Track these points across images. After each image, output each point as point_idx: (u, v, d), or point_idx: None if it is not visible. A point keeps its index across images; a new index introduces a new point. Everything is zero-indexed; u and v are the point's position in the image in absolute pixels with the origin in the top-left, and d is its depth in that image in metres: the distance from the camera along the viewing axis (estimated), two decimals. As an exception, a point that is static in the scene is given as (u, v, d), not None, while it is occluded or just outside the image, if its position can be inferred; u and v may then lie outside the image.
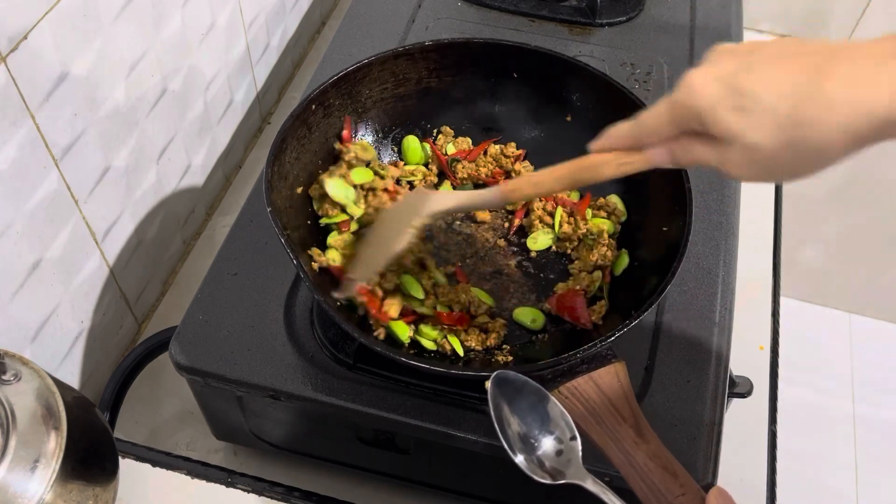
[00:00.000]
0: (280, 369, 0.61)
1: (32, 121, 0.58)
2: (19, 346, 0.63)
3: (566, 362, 0.53)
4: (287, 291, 0.66)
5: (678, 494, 0.47)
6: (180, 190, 0.84)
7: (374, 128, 0.73)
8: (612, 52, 0.88)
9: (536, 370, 0.54)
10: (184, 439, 0.75)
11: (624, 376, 0.53)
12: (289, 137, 0.63)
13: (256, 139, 1.02)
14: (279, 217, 0.59)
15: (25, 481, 0.47)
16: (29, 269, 0.62)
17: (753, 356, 0.80)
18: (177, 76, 0.78)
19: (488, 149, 0.74)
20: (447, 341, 0.61)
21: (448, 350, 0.61)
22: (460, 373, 0.56)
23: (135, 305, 0.81)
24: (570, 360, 0.53)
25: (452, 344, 0.60)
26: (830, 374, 1.73)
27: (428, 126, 0.75)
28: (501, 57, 0.72)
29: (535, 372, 0.54)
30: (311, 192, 0.67)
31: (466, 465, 0.63)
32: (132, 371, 0.70)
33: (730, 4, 0.97)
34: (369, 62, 0.68)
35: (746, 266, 0.78)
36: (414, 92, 0.73)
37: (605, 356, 0.54)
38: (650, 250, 0.64)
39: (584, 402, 0.52)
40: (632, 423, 0.51)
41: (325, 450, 0.69)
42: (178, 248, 0.88)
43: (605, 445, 0.50)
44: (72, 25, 0.60)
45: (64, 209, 0.65)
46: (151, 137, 0.76)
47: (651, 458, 0.49)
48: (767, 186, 0.95)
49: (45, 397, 0.50)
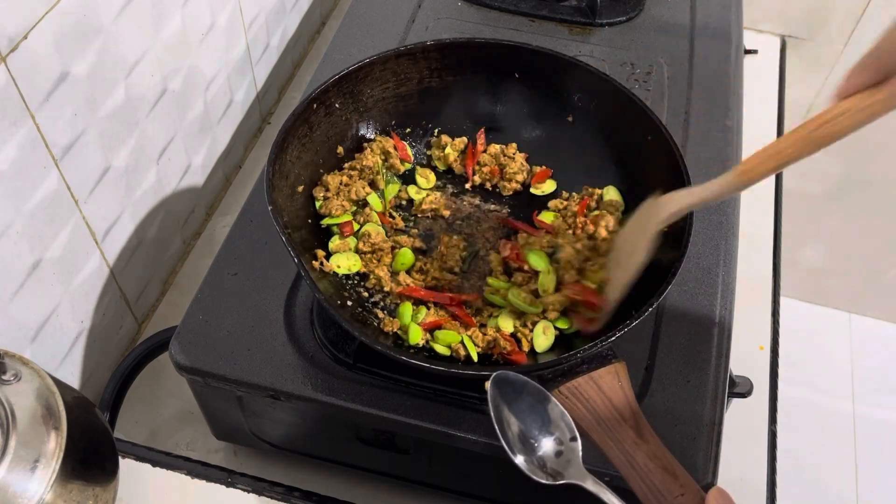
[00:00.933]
0: (280, 369, 0.61)
1: (32, 121, 0.58)
2: (19, 346, 0.63)
3: (566, 362, 0.53)
4: (287, 291, 0.66)
5: (678, 494, 0.47)
6: (180, 190, 0.84)
7: (374, 127, 0.73)
8: (612, 52, 0.88)
9: (537, 370, 0.54)
10: (184, 439, 0.75)
11: (624, 376, 0.53)
12: (290, 136, 0.63)
13: (256, 139, 1.02)
14: (280, 216, 0.59)
15: (25, 481, 0.47)
16: (29, 269, 0.62)
17: (753, 356, 0.80)
18: (177, 76, 0.78)
19: (488, 148, 0.74)
20: (462, 346, 0.60)
21: (462, 355, 0.60)
22: (459, 372, 0.56)
23: (135, 305, 0.81)
24: (571, 360, 0.53)
25: (468, 349, 0.60)
26: (830, 374, 1.73)
27: (429, 126, 0.75)
28: (503, 57, 0.72)
29: (535, 372, 0.54)
30: (315, 192, 0.67)
31: (466, 465, 0.63)
32: (132, 371, 0.70)
33: (730, 4, 0.97)
34: (371, 62, 0.69)
35: (746, 266, 0.78)
36: (415, 91, 0.73)
37: (606, 356, 0.54)
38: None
39: (584, 402, 0.52)
40: (632, 423, 0.50)
41: (325, 450, 0.69)
42: (178, 248, 0.88)
43: (605, 446, 0.50)
44: (72, 25, 0.60)
45: (64, 209, 0.65)
46: (151, 137, 0.76)
47: (651, 458, 0.49)
48: (767, 186, 0.95)
49: (45, 397, 0.50)
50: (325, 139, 0.68)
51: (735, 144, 0.80)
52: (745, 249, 0.76)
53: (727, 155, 0.78)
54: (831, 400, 1.69)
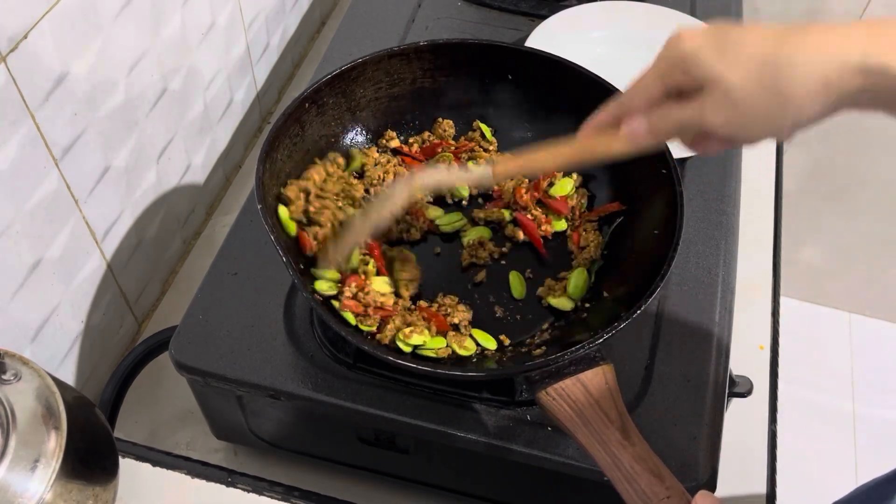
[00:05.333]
0: (280, 369, 0.61)
1: (32, 121, 0.58)
2: (19, 346, 0.64)
3: (554, 364, 0.53)
4: (287, 291, 0.66)
5: (664, 497, 0.47)
6: (180, 190, 0.84)
7: (366, 127, 0.73)
8: (612, 52, 0.88)
9: (524, 370, 0.54)
10: (184, 439, 0.75)
11: (612, 378, 0.53)
12: (282, 136, 0.63)
13: (256, 139, 1.02)
14: (271, 216, 0.59)
15: (25, 481, 0.47)
16: (29, 269, 0.62)
17: (753, 356, 0.80)
18: (177, 76, 0.78)
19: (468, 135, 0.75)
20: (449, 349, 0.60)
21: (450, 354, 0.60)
22: (448, 373, 0.55)
23: (135, 305, 0.81)
24: (559, 362, 0.53)
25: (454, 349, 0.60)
26: (830, 374, 1.73)
27: (422, 127, 0.75)
28: (496, 58, 0.72)
29: (523, 373, 0.54)
30: (288, 191, 0.64)
31: (466, 465, 0.64)
32: (132, 371, 0.70)
33: (730, 4, 0.97)
34: (364, 61, 0.68)
35: (746, 266, 0.78)
36: (408, 92, 0.73)
37: (594, 358, 0.53)
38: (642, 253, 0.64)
39: (571, 403, 0.52)
40: (618, 425, 0.50)
41: (325, 450, 0.69)
42: (178, 247, 0.88)
43: (592, 447, 0.50)
44: (72, 25, 0.60)
45: (64, 209, 0.65)
46: (151, 137, 0.76)
47: (637, 460, 0.49)
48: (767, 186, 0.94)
49: (45, 397, 0.50)
50: (317, 138, 0.68)
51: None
52: (745, 249, 0.76)
53: (724, 156, 0.78)
54: (831, 400, 1.69)
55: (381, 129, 0.73)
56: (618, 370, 0.54)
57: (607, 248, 0.67)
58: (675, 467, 0.51)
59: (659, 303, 0.67)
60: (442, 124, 0.74)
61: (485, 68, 0.73)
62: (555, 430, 0.58)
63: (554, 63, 0.70)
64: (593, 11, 0.91)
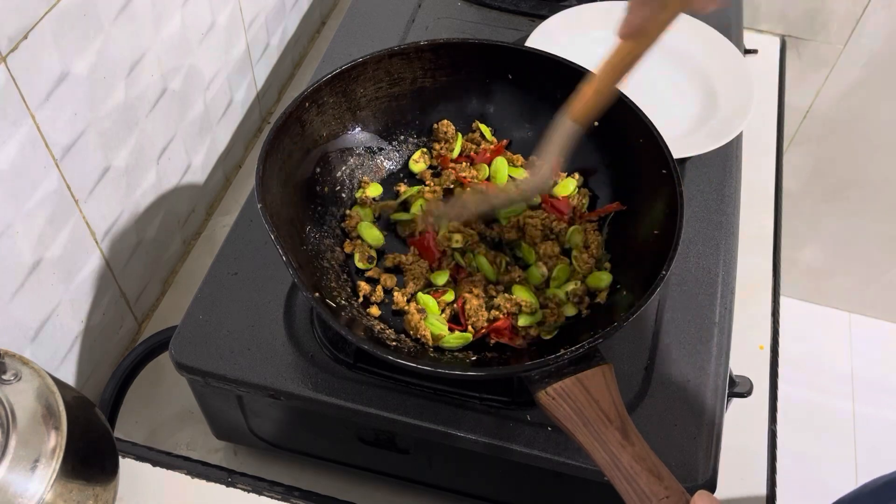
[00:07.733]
0: (280, 369, 0.61)
1: (32, 121, 0.58)
2: (19, 345, 0.64)
3: (553, 363, 0.53)
4: (287, 291, 0.66)
5: (663, 497, 0.47)
6: (180, 190, 0.84)
7: (367, 127, 0.73)
8: (612, 52, 0.88)
9: (523, 371, 0.54)
10: (184, 439, 0.75)
11: (611, 378, 0.53)
12: (282, 135, 0.63)
13: (256, 139, 1.02)
14: (271, 216, 0.59)
15: (25, 481, 0.47)
16: (29, 269, 0.62)
17: (753, 356, 0.80)
18: (177, 76, 0.78)
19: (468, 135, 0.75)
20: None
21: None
22: (448, 372, 0.55)
23: (135, 305, 0.81)
24: (558, 362, 0.53)
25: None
26: (830, 374, 1.73)
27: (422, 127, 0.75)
28: (496, 58, 0.72)
29: (521, 372, 0.54)
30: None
31: (466, 465, 0.64)
32: (132, 371, 0.70)
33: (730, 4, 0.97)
34: (364, 61, 0.68)
35: (746, 266, 0.79)
36: (408, 91, 0.73)
37: (593, 357, 0.54)
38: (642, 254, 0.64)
39: (570, 403, 0.52)
40: (618, 425, 0.50)
41: (325, 450, 0.69)
42: (178, 247, 0.88)
43: (591, 447, 0.50)
44: (72, 25, 0.60)
45: (64, 209, 0.65)
46: (151, 137, 0.76)
47: (636, 460, 0.49)
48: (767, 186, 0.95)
49: (45, 397, 0.50)
50: (316, 138, 0.68)
51: (734, 146, 0.80)
52: (745, 249, 0.76)
53: (724, 156, 0.78)
54: (831, 400, 1.69)
55: (382, 128, 0.73)
56: (618, 370, 0.54)
57: (607, 249, 0.67)
58: (674, 467, 0.51)
59: (659, 303, 0.67)
60: (442, 124, 0.74)
61: (485, 68, 0.73)
62: (555, 430, 0.58)
63: (554, 63, 0.70)
64: (593, 11, 0.91)
